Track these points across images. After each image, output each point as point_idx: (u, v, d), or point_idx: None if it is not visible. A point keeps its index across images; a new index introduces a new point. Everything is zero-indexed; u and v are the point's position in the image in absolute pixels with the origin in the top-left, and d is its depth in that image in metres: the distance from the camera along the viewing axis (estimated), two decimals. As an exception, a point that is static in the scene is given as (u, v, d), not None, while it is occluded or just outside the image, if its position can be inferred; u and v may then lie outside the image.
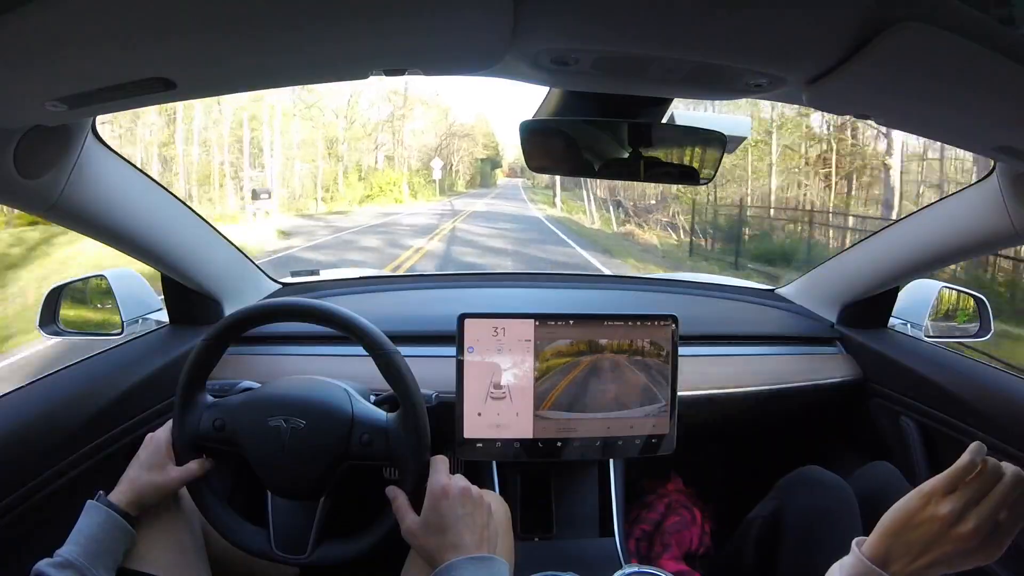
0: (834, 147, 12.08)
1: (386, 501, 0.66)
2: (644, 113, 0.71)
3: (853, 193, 11.96)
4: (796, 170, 12.91)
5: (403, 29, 0.43)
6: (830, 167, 12.09)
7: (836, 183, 12.14)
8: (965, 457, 0.46)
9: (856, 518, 0.83)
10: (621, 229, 14.54)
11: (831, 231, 10.92)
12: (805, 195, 12.78)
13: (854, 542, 0.50)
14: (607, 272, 7.07)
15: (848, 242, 9.30)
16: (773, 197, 12.98)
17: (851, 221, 10.74)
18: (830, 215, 11.60)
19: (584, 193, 18.68)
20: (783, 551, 0.86)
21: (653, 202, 14.88)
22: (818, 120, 12.13)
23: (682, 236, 12.82)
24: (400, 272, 5.73)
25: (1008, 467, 0.47)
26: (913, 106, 0.56)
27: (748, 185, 13.32)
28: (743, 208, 11.81)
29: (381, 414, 0.71)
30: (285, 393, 0.71)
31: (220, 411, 0.71)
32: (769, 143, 12.81)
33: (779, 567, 0.85)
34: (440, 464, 0.65)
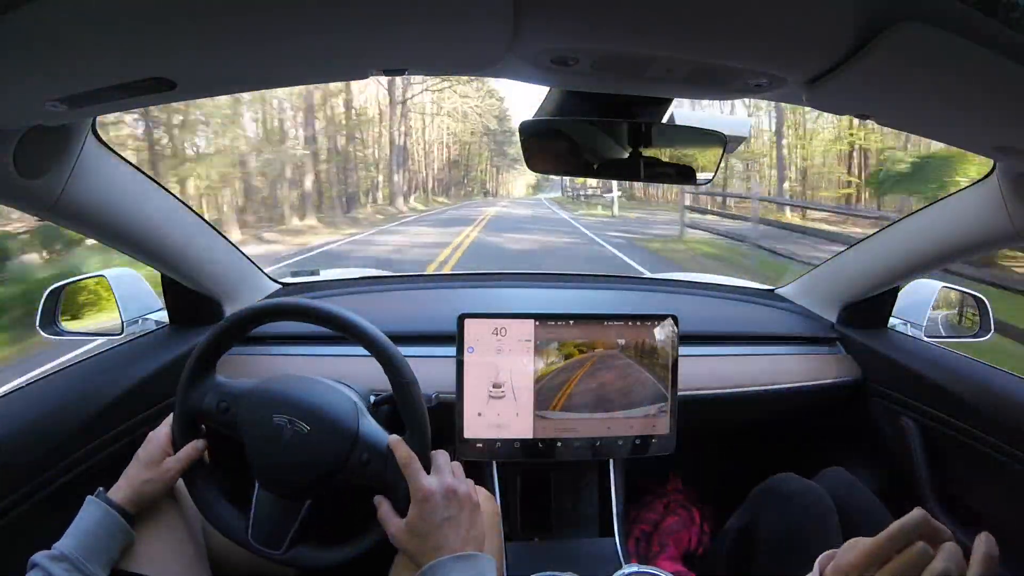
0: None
1: (371, 514, 0.65)
2: (644, 113, 0.71)
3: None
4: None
5: (403, 29, 0.43)
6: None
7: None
8: (907, 520, 0.40)
9: (831, 529, 0.81)
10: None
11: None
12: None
13: (817, 561, 0.45)
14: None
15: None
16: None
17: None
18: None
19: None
20: (756, 565, 0.85)
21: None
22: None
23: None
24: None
25: (939, 558, 0.38)
26: (913, 106, 0.56)
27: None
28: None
29: (385, 437, 0.68)
30: (294, 394, 0.70)
31: (226, 393, 0.70)
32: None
33: None
34: (418, 465, 0.64)
